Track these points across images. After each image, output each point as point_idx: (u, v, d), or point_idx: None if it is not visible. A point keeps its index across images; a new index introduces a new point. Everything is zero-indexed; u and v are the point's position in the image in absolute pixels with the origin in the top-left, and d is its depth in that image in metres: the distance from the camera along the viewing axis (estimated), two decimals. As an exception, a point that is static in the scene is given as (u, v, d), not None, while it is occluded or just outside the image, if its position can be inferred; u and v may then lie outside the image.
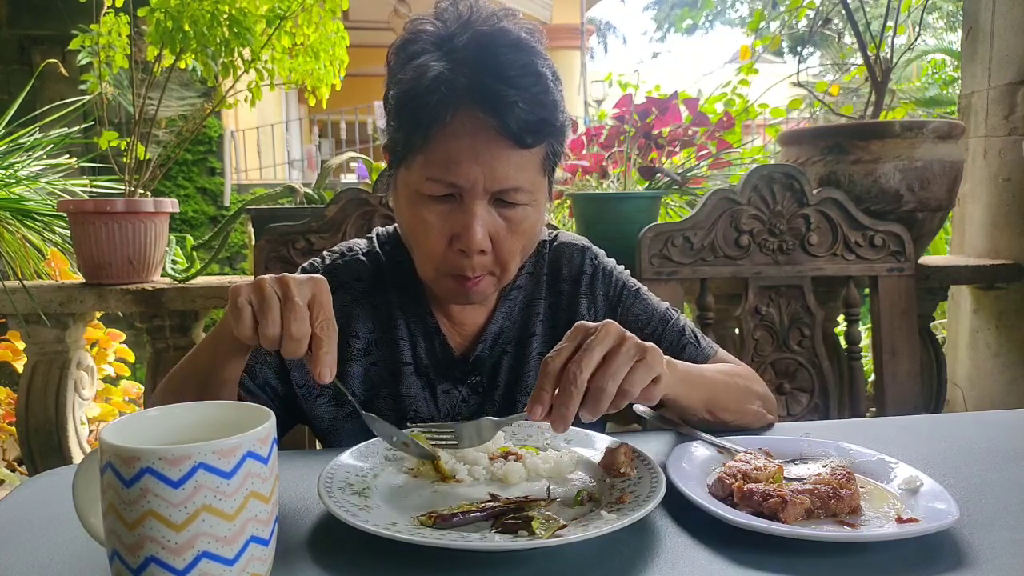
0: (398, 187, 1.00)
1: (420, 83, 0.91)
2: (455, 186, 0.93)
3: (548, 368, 0.75)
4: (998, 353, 2.28)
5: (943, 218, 2.07)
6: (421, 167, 0.93)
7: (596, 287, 1.16)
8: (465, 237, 0.93)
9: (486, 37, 0.93)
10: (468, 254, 0.95)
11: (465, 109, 0.90)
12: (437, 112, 0.90)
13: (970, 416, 1.16)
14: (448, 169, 0.91)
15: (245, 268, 5.62)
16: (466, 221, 0.93)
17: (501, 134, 0.90)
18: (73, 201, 2.03)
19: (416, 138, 0.92)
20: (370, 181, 1.98)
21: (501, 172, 0.92)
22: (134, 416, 0.60)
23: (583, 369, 0.73)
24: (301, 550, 0.66)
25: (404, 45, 0.96)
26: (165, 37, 2.02)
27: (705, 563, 0.64)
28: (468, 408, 1.09)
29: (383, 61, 1.02)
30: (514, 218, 0.97)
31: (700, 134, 2.07)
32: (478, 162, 0.91)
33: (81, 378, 2.17)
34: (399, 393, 1.06)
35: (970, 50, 2.41)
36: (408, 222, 0.99)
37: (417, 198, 0.95)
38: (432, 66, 0.91)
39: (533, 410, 0.74)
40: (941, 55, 5.85)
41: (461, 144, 0.91)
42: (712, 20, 26.23)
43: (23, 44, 6.10)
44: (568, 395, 0.73)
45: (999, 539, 0.67)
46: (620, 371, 0.74)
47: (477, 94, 0.90)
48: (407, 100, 0.93)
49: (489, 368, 1.10)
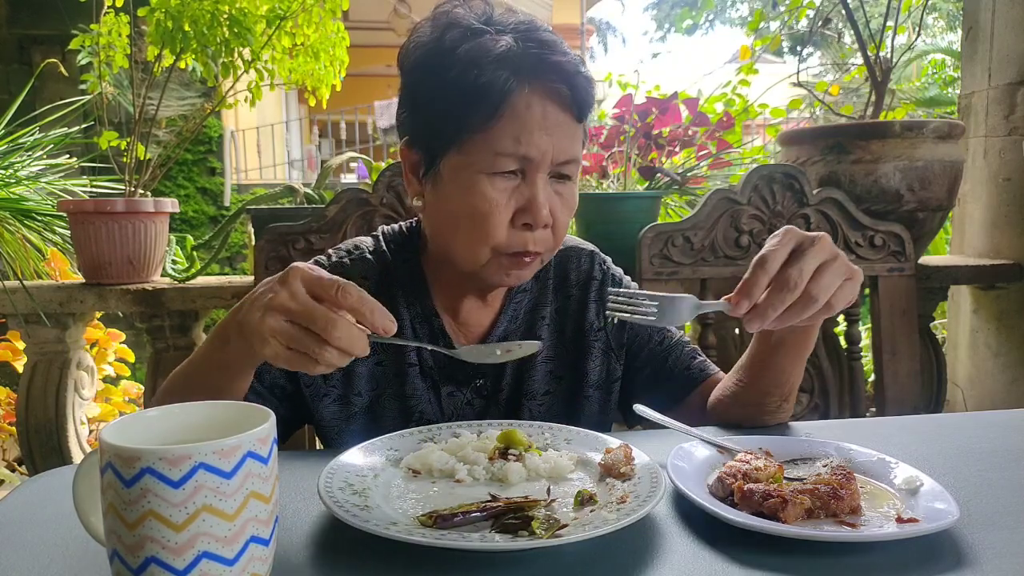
0: (444, 176, 0.98)
1: (486, 59, 0.92)
2: (526, 159, 0.94)
3: (767, 266, 0.78)
4: (998, 353, 2.28)
5: (943, 218, 2.07)
6: (486, 145, 0.93)
7: (605, 293, 1.16)
8: (533, 209, 0.95)
9: (525, 20, 0.97)
10: (534, 227, 0.96)
11: (535, 82, 0.93)
12: (508, 85, 0.91)
13: (970, 416, 1.16)
14: (521, 141, 0.93)
15: (245, 268, 5.62)
16: (532, 193, 0.95)
17: (565, 106, 0.94)
18: (73, 201, 2.03)
19: (478, 117, 0.92)
20: (370, 181, 1.98)
21: (564, 144, 0.95)
22: (134, 416, 0.60)
23: (803, 276, 0.77)
24: (301, 550, 0.66)
25: (442, 35, 0.96)
26: (165, 37, 2.01)
27: (705, 563, 0.64)
28: (473, 411, 1.09)
29: (383, 61, 1.03)
30: (566, 193, 1.00)
31: (700, 134, 2.07)
32: (547, 133, 0.93)
33: (81, 378, 2.17)
34: (404, 394, 1.06)
35: (970, 50, 2.41)
36: (465, 205, 0.96)
37: (477, 178, 0.95)
38: (500, 40, 0.93)
39: (740, 303, 0.77)
40: (941, 55, 5.85)
41: (532, 115, 0.92)
42: (712, 20, 26.23)
43: (23, 44, 6.10)
44: (781, 299, 0.77)
45: (999, 539, 0.67)
46: (832, 285, 0.79)
47: (547, 66, 0.93)
48: (468, 79, 0.92)
49: (494, 371, 1.10)
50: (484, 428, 0.92)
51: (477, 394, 1.09)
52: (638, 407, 1.00)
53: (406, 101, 1.02)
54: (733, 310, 0.78)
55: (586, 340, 1.13)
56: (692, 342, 1.22)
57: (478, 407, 1.09)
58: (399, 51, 1.02)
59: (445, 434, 0.90)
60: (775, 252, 0.79)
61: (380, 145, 10.45)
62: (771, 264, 0.79)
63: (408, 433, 0.90)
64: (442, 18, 0.97)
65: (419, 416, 1.06)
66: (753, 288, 0.78)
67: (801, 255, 0.79)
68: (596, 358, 1.13)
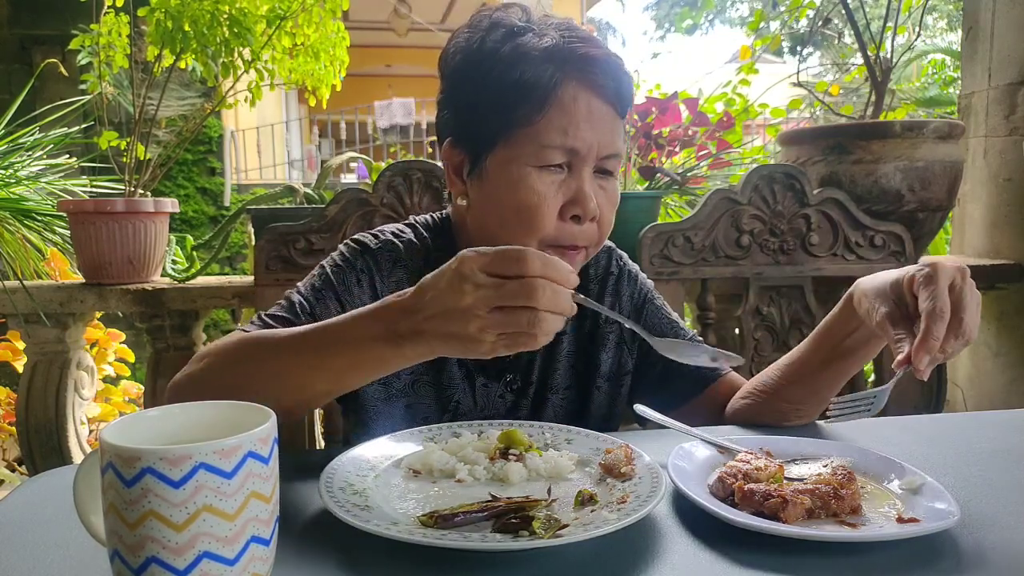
0: (490, 172, 1.00)
1: (531, 55, 0.95)
2: (573, 151, 0.96)
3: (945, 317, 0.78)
4: (998, 353, 2.28)
5: (943, 218, 2.07)
6: (533, 138, 0.96)
7: (621, 288, 1.19)
8: (581, 202, 0.97)
9: (564, 21, 1.00)
10: (582, 220, 0.98)
11: (580, 75, 0.95)
12: (554, 79, 0.94)
13: (970, 416, 1.16)
14: (568, 133, 0.95)
15: (245, 268, 5.62)
16: (579, 185, 0.97)
17: (609, 101, 0.97)
18: (73, 201, 2.03)
19: (526, 111, 0.95)
20: (370, 181, 1.98)
21: (608, 137, 0.98)
22: (134, 416, 0.60)
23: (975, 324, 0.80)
24: (301, 550, 0.66)
25: (485, 36, 0.99)
26: (165, 37, 2.01)
27: (706, 563, 0.64)
28: (504, 404, 1.11)
29: (383, 61, 1.04)
30: (609, 188, 1.02)
31: (700, 134, 2.07)
32: (592, 127, 0.96)
33: (81, 378, 2.17)
34: (441, 383, 1.08)
35: (970, 50, 2.41)
36: (514, 199, 0.97)
37: (525, 172, 0.96)
38: (544, 36, 0.96)
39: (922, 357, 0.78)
40: (941, 55, 5.85)
41: (578, 109, 0.95)
42: (712, 20, 26.22)
43: (23, 44, 6.10)
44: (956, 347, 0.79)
45: (999, 539, 0.67)
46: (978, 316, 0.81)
47: (591, 61, 0.96)
48: (514, 75, 0.95)
49: (523, 366, 1.12)
50: (484, 428, 0.92)
51: (507, 388, 1.11)
52: (638, 407, 1.00)
53: (448, 102, 1.05)
54: (917, 374, 0.78)
55: (600, 332, 1.15)
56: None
57: (509, 401, 1.11)
58: (439, 56, 1.05)
59: (446, 434, 0.90)
60: (943, 296, 0.79)
61: (380, 145, 10.46)
62: (946, 309, 0.78)
63: (409, 433, 0.90)
64: (483, 21, 1.01)
65: (455, 407, 1.08)
66: (935, 344, 0.78)
67: (960, 297, 0.79)
68: (609, 350, 1.15)
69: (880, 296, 0.88)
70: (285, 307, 1.01)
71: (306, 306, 1.01)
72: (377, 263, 1.07)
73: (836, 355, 0.99)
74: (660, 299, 1.23)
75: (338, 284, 1.04)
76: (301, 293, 1.03)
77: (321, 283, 1.04)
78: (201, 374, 0.89)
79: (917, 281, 0.81)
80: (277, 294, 1.63)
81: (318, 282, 1.05)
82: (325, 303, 1.02)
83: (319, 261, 1.57)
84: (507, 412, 1.11)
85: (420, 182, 1.60)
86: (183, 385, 0.90)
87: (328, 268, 1.06)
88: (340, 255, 1.08)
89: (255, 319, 1.00)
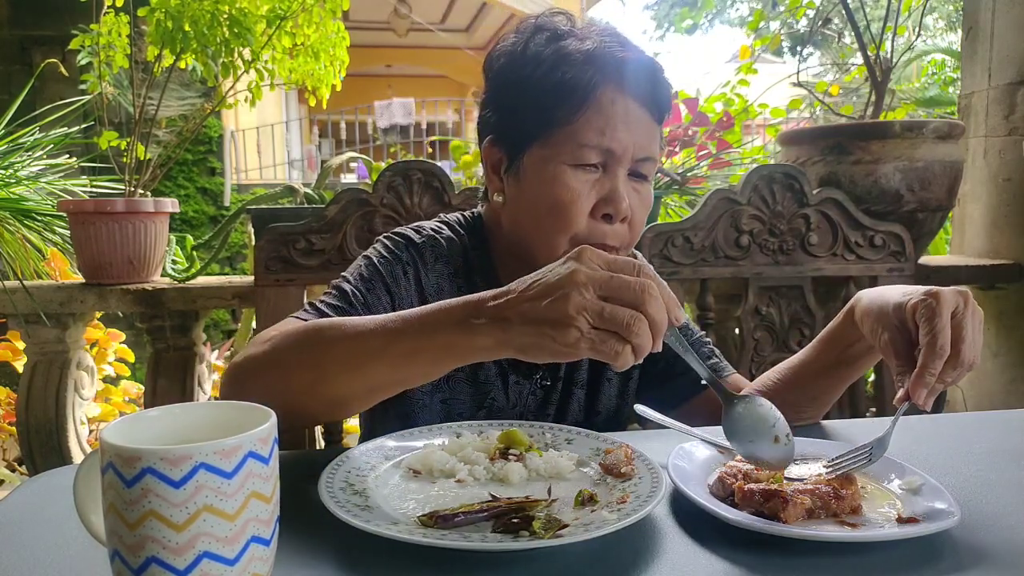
0: (527, 169, 1.02)
1: (573, 57, 0.98)
2: (608, 152, 0.98)
3: (943, 350, 0.78)
4: (998, 353, 2.28)
5: (943, 218, 2.07)
6: (570, 137, 0.98)
7: None
8: (614, 201, 0.98)
9: (607, 28, 1.03)
10: (614, 220, 0.99)
11: (619, 79, 0.98)
12: (594, 81, 0.97)
13: (970, 416, 1.16)
14: (604, 134, 0.97)
15: (245, 268, 5.62)
16: (613, 185, 0.99)
17: (646, 105, 1.00)
18: (73, 201, 2.03)
19: (565, 111, 0.97)
20: (370, 181, 1.98)
21: (644, 140, 1.00)
22: (135, 416, 0.60)
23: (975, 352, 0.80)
24: (301, 550, 0.66)
25: (529, 40, 1.02)
26: (165, 37, 2.01)
27: (706, 563, 0.64)
28: (535, 401, 1.13)
29: (383, 61, 1.06)
30: (643, 191, 1.03)
31: (700, 134, 2.07)
32: (629, 129, 0.98)
33: (81, 378, 2.17)
34: (477, 379, 1.09)
35: (970, 50, 2.41)
36: (549, 195, 0.99)
37: (561, 169, 0.98)
38: (585, 41, 0.99)
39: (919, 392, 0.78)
40: (941, 55, 5.85)
41: (616, 111, 0.98)
42: (712, 20, 26.21)
43: (23, 44, 6.10)
44: (955, 376, 0.79)
45: (999, 539, 0.67)
46: (980, 343, 0.81)
47: (630, 66, 0.99)
48: (555, 76, 0.98)
49: (552, 365, 1.13)
50: (485, 428, 0.92)
51: (538, 385, 1.13)
52: (638, 407, 1.00)
53: (490, 102, 1.08)
54: (921, 401, 0.78)
55: None
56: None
57: (539, 397, 1.13)
58: (485, 59, 1.09)
59: (446, 434, 0.91)
60: (945, 332, 0.79)
61: (380, 145, 10.46)
62: (946, 346, 0.79)
63: (409, 433, 0.90)
64: (528, 27, 1.04)
65: (491, 403, 1.09)
66: (931, 379, 0.78)
67: (961, 325, 0.79)
68: None
69: (882, 319, 0.88)
70: (337, 296, 1.01)
71: (359, 295, 1.02)
72: (422, 256, 1.09)
73: (837, 363, 1.00)
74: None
75: (387, 275, 1.05)
76: (351, 282, 1.04)
77: (369, 273, 1.05)
78: (266, 356, 0.86)
79: (919, 312, 0.81)
80: (277, 294, 1.63)
81: (366, 272, 1.05)
82: (376, 293, 1.03)
83: (319, 261, 1.59)
84: (538, 408, 1.13)
85: (420, 182, 1.60)
86: (244, 367, 0.88)
87: (375, 259, 1.07)
88: (384, 247, 1.09)
89: (308, 307, 1.00)
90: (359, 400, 0.86)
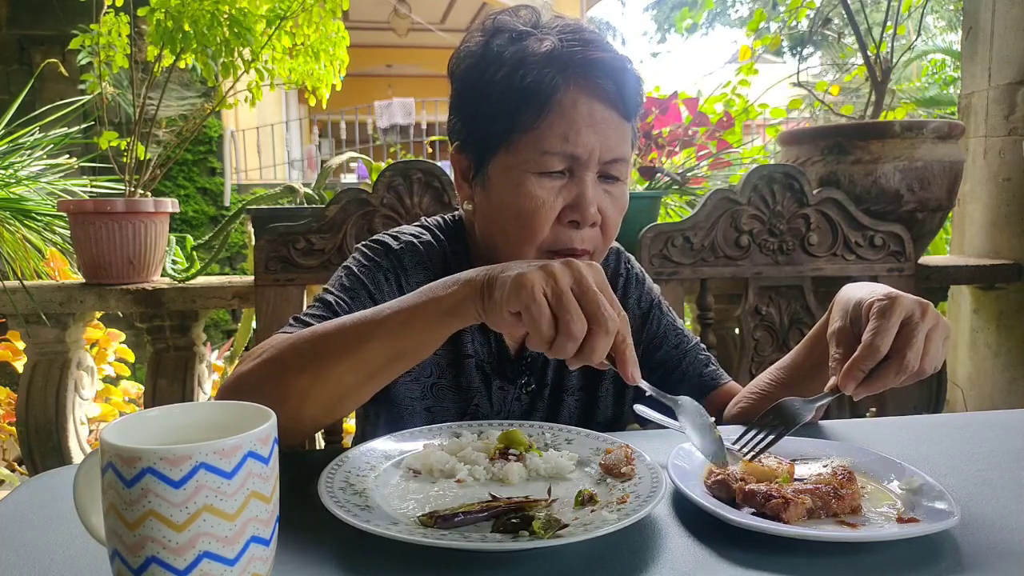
0: (492, 177, 1.00)
1: (531, 59, 0.94)
2: (573, 157, 0.95)
3: (879, 349, 0.79)
4: (998, 353, 2.28)
5: (943, 218, 2.07)
6: (533, 144, 0.95)
7: (629, 291, 1.19)
8: (580, 207, 0.96)
9: (571, 23, 0.98)
10: (581, 225, 0.97)
11: (581, 80, 0.94)
12: (554, 84, 0.93)
13: (970, 416, 1.16)
14: (567, 140, 0.94)
15: (245, 268, 5.62)
16: (580, 191, 0.96)
17: (612, 104, 0.96)
18: (73, 201, 2.03)
19: (527, 116, 0.94)
20: (370, 181, 1.98)
21: (612, 142, 0.96)
22: (135, 416, 0.60)
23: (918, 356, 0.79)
24: (301, 550, 0.66)
25: (489, 41, 0.98)
26: (165, 37, 2.02)
27: (706, 563, 0.64)
28: (520, 407, 1.11)
29: (383, 61, 1.04)
30: (615, 193, 1.00)
31: (700, 134, 2.07)
32: (595, 131, 0.95)
33: (81, 378, 2.17)
34: (460, 385, 1.08)
35: (970, 50, 2.41)
36: (514, 204, 0.97)
37: (525, 178, 0.96)
38: (544, 40, 0.95)
39: (848, 385, 0.79)
40: (941, 55, 5.85)
41: (579, 114, 0.94)
42: (712, 20, 26.21)
43: (23, 44, 6.10)
44: (897, 379, 0.79)
45: (999, 539, 0.67)
46: (939, 355, 0.80)
47: (592, 63, 0.94)
48: (515, 80, 0.94)
49: (539, 368, 1.12)
50: (484, 428, 0.92)
51: (523, 390, 1.11)
52: (638, 407, 1.00)
53: (456, 107, 1.04)
54: (848, 392, 0.80)
55: None
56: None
57: (525, 403, 1.11)
58: (449, 60, 1.05)
59: (446, 434, 0.91)
60: (886, 333, 0.79)
61: (380, 145, 10.46)
62: (883, 347, 0.79)
63: (409, 433, 0.90)
64: (490, 26, 1.00)
65: (475, 409, 1.08)
66: (859, 375, 0.80)
67: (912, 331, 0.79)
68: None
69: (842, 310, 0.89)
70: (322, 307, 1.00)
71: (344, 305, 1.00)
72: (401, 263, 1.07)
73: (825, 360, 0.99)
74: (666, 304, 1.24)
75: (368, 282, 1.04)
76: (334, 293, 1.02)
77: (351, 282, 1.04)
78: (260, 367, 0.86)
79: (873, 310, 0.82)
80: (277, 294, 1.63)
81: (348, 281, 1.04)
82: (360, 301, 1.01)
83: (319, 261, 1.59)
84: (523, 414, 1.11)
85: (420, 182, 1.60)
86: (237, 384, 0.87)
87: (355, 268, 1.06)
88: (363, 255, 1.07)
89: (293, 321, 0.99)
90: (356, 392, 0.86)
